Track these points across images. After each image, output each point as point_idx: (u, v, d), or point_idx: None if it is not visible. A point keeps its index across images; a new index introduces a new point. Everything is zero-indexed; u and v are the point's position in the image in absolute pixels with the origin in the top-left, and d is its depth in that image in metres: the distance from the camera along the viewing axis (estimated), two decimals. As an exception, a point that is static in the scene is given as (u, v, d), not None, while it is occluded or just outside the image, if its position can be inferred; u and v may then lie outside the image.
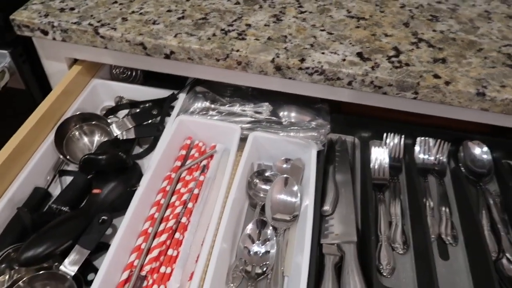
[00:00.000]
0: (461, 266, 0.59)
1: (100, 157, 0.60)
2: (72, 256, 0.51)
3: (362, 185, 0.67)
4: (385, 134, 0.73)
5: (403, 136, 0.73)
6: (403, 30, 0.69)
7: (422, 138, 0.73)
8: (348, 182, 0.66)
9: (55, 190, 0.64)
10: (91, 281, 0.50)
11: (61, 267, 0.50)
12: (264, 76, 0.64)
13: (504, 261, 0.58)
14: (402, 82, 0.60)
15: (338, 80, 0.62)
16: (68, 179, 0.65)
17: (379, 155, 0.70)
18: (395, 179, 0.69)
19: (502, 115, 0.61)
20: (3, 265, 0.52)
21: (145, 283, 0.54)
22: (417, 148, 0.72)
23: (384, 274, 0.57)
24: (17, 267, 0.51)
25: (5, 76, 0.73)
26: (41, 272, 0.51)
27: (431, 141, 0.73)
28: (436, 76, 0.60)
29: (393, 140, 0.73)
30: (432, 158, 0.72)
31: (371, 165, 0.68)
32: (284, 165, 0.69)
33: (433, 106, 0.63)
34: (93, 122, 0.71)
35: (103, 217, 0.55)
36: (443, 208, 0.65)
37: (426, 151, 0.72)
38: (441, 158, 0.72)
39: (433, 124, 0.74)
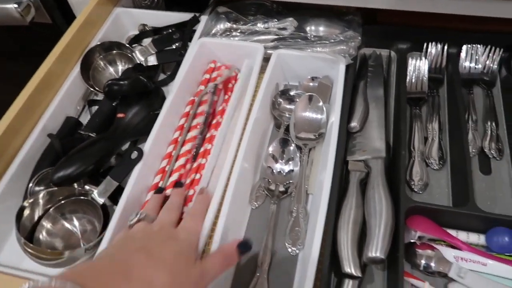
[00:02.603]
0: (505, 180, 0.54)
1: (122, 82, 0.60)
2: (102, 187, 0.53)
3: (396, 99, 0.62)
4: (425, 44, 0.65)
5: (446, 44, 0.65)
6: None
7: (469, 45, 0.64)
8: (380, 98, 0.61)
9: (85, 120, 0.66)
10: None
11: (93, 195, 0.52)
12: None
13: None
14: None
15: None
16: (98, 108, 0.66)
17: (417, 67, 0.63)
18: (434, 93, 0.63)
19: None
20: (40, 187, 0.55)
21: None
22: (462, 56, 0.64)
23: (416, 190, 0.54)
24: (52, 187, 0.54)
25: (31, 11, 0.73)
26: (71, 199, 0.53)
27: (480, 48, 0.64)
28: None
29: (435, 49, 0.65)
30: (480, 66, 0.63)
31: (408, 78, 0.62)
32: (311, 84, 0.65)
33: (490, 5, 0.54)
34: (116, 51, 0.71)
35: (135, 151, 0.54)
36: (489, 122, 0.59)
37: (473, 59, 0.64)
38: (490, 65, 0.63)
39: (484, 31, 0.65)
